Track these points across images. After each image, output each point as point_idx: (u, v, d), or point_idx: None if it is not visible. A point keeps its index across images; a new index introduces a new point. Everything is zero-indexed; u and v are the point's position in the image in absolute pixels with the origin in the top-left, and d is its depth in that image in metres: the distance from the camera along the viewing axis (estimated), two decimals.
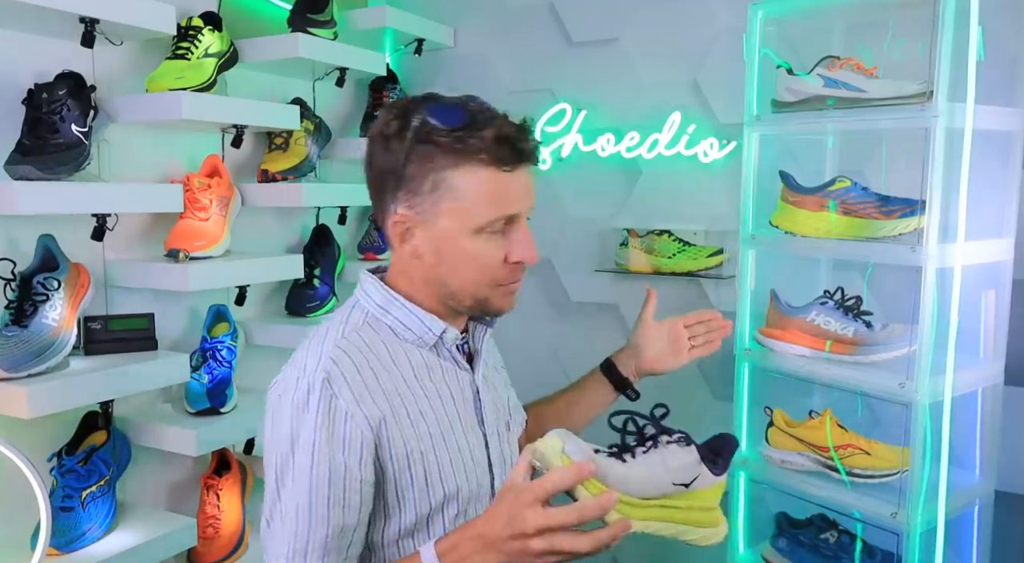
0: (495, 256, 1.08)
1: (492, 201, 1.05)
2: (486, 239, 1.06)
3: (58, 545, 1.44)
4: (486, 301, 1.11)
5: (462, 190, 1.04)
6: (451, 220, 1.05)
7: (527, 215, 1.10)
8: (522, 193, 1.07)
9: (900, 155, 1.78)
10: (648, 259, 2.12)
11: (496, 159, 1.03)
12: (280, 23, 2.00)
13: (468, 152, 1.03)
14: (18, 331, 1.40)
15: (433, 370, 1.13)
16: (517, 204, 1.07)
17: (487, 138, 1.03)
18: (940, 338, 1.53)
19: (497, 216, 1.05)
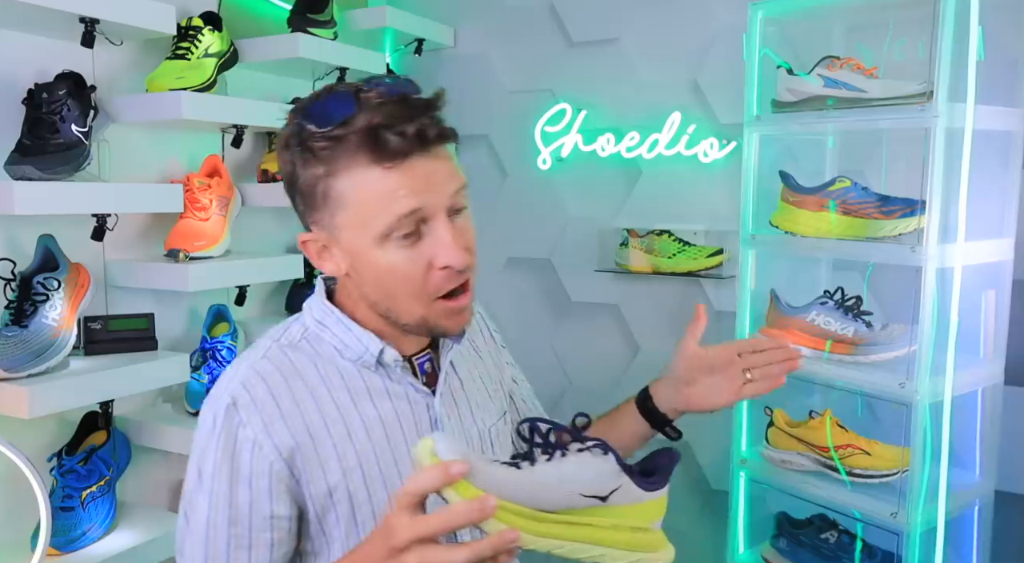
0: (414, 265, 0.92)
1: (381, 204, 0.89)
2: (397, 247, 0.91)
3: (58, 545, 1.44)
4: (426, 321, 0.96)
5: (348, 197, 0.90)
6: (351, 232, 0.92)
7: (451, 206, 0.93)
8: (420, 185, 0.89)
9: (900, 155, 1.78)
10: (648, 259, 2.12)
11: (373, 156, 0.88)
12: (280, 23, 2.00)
13: (342, 154, 0.89)
14: (18, 331, 1.40)
15: (376, 394, 0.98)
16: (415, 199, 0.89)
17: (358, 133, 0.87)
18: (940, 338, 1.53)
19: (393, 219, 0.89)
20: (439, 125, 0.91)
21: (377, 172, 0.88)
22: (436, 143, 0.91)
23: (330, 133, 0.88)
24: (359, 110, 0.87)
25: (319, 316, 1.01)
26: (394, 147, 0.87)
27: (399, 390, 1.00)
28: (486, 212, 2.40)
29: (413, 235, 0.91)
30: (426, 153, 0.90)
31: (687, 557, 2.11)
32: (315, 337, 1.00)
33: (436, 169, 0.91)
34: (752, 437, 1.86)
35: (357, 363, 0.99)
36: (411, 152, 0.88)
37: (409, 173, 0.89)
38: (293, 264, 1.92)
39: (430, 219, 0.91)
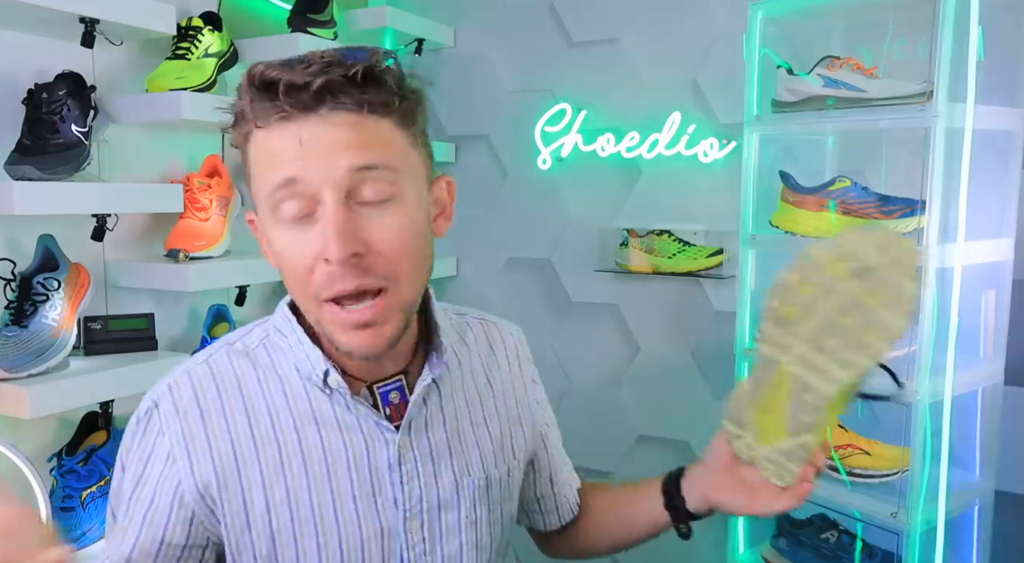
0: (300, 253, 0.77)
1: (261, 171, 0.77)
2: (287, 229, 0.77)
3: None
4: (324, 328, 0.81)
5: (249, 165, 0.81)
6: (258, 208, 0.81)
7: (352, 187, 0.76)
8: (300, 151, 0.74)
9: (900, 155, 1.78)
10: (648, 259, 2.12)
11: (255, 115, 0.76)
12: (280, 23, 2.00)
13: (238, 111, 0.79)
14: (18, 331, 1.40)
15: (324, 422, 0.84)
16: (291, 166, 0.75)
17: (245, 87, 0.77)
18: (940, 338, 1.53)
19: (270, 189, 0.76)
20: (344, 84, 0.74)
21: (260, 133, 0.77)
22: (333, 104, 0.74)
23: (245, 93, 0.78)
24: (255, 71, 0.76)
25: (279, 323, 0.90)
26: (275, 103, 0.74)
27: (351, 421, 0.85)
28: (486, 212, 2.40)
29: (304, 217, 0.76)
30: (316, 115, 0.74)
31: (687, 557, 2.11)
32: (274, 346, 0.88)
33: (325, 135, 0.74)
34: None
35: (309, 383, 0.86)
36: (293, 110, 0.74)
37: (287, 135, 0.74)
38: None
39: (321, 198, 0.75)
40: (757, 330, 0.88)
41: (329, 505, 0.83)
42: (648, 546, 1.10)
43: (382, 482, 0.85)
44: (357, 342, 0.79)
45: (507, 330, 1.07)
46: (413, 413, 0.88)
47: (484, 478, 0.93)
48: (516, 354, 1.05)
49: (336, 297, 0.77)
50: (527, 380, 1.05)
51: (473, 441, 0.93)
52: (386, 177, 0.77)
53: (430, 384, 0.89)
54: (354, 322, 0.78)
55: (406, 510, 0.86)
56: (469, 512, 0.91)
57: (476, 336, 1.02)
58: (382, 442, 0.86)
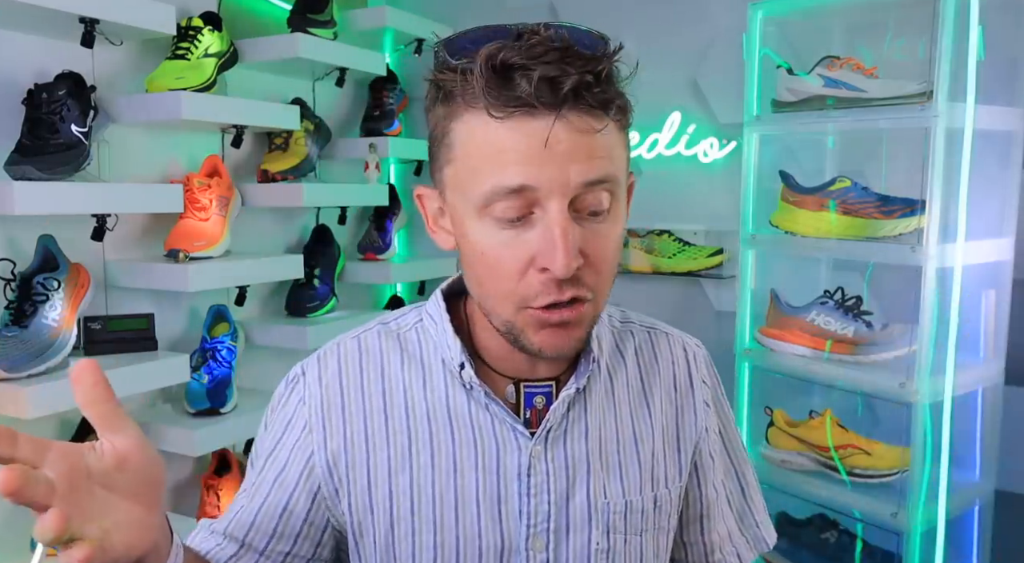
0: (511, 256, 0.71)
1: (486, 165, 0.69)
2: (496, 226, 0.71)
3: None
4: (514, 329, 0.75)
5: (456, 150, 0.72)
6: (454, 194, 0.74)
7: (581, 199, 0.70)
8: (537, 154, 0.67)
9: (900, 155, 1.78)
10: (648, 259, 2.12)
11: (486, 100, 0.68)
12: (280, 23, 2.00)
13: (459, 92, 0.71)
14: (18, 331, 1.40)
15: (458, 416, 0.81)
16: (528, 171, 0.68)
17: (483, 67, 0.68)
18: (940, 338, 1.53)
19: (494, 190, 0.69)
20: (592, 85, 0.68)
21: (487, 121, 0.68)
22: (575, 105, 0.68)
23: (458, 64, 0.71)
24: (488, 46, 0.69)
25: (431, 309, 0.85)
26: (515, 93, 0.67)
27: (485, 421, 0.81)
28: None
29: (520, 219, 0.70)
30: (562, 117, 0.67)
31: None
32: (425, 332, 0.84)
33: (565, 140, 0.67)
34: (752, 437, 1.86)
35: (451, 375, 0.82)
36: (535, 105, 0.67)
37: (525, 133, 0.67)
38: (293, 264, 1.92)
39: (546, 204, 0.69)
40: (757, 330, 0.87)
41: (451, 504, 0.79)
42: None
43: (509, 490, 0.80)
44: (550, 341, 0.74)
45: (680, 342, 0.93)
46: (552, 421, 0.81)
47: (624, 504, 0.83)
48: (687, 370, 0.91)
49: (547, 305, 0.73)
50: (698, 401, 0.90)
51: (616, 461, 0.84)
52: (609, 188, 0.72)
53: (574, 393, 0.82)
54: (554, 323, 0.73)
55: (531, 526, 0.80)
56: (601, 539, 0.81)
57: (640, 346, 0.91)
58: (514, 447, 0.80)
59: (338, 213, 2.22)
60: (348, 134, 2.33)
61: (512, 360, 0.81)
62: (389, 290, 2.50)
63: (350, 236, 2.34)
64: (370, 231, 2.33)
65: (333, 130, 2.23)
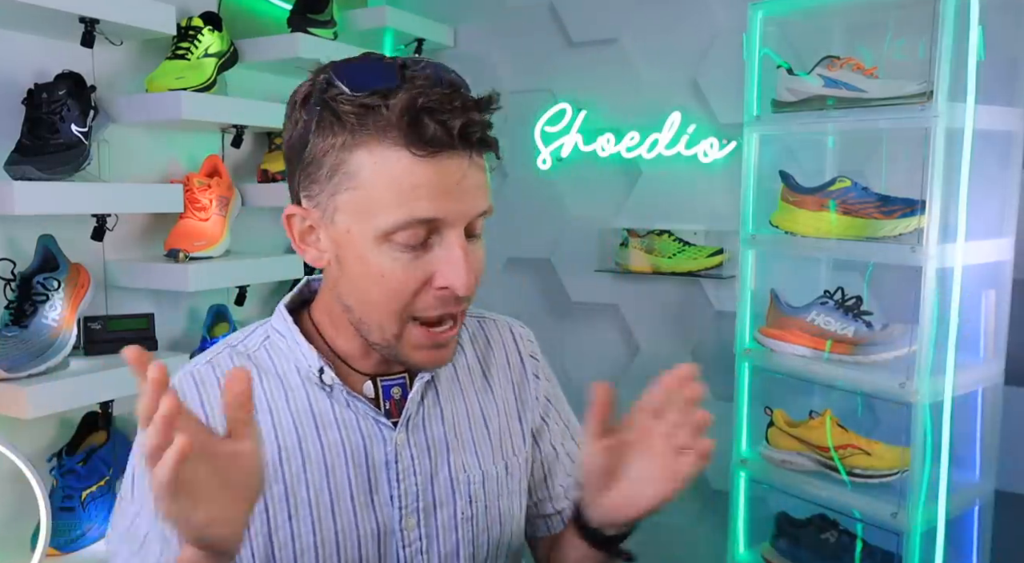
0: (410, 278, 0.78)
1: (398, 197, 0.76)
2: (396, 251, 0.78)
3: (58, 545, 1.44)
4: (397, 344, 0.82)
5: (361, 179, 0.76)
6: (350, 218, 0.79)
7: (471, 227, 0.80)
8: (449, 190, 0.76)
9: (900, 155, 1.78)
10: (648, 259, 2.12)
11: (406, 138, 0.74)
12: (280, 23, 2.00)
13: (371, 126, 0.75)
14: (18, 331, 1.40)
15: (323, 420, 0.86)
16: (438, 204, 0.76)
17: (396, 107, 0.74)
18: (940, 338, 1.53)
19: (404, 219, 0.76)
20: (486, 130, 0.78)
21: (405, 157, 0.75)
22: (477, 148, 0.78)
23: (364, 100, 0.75)
24: (401, 84, 0.75)
25: (277, 324, 0.90)
26: (433, 135, 0.74)
27: (350, 418, 0.86)
28: None
29: (419, 246, 0.78)
30: (464, 156, 0.77)
31: (687, 557, 2.11)
32: (274, 348, 0.89)
33: (470, 177, 0.78)
34: (752, 437, 1.86)
35: (308, 382, 0.87)
36: (450, 148, 0.76)
37: (441, 172, 0.76)
38: (293, 264, 1.92)
39: (445, 231, 0.78)
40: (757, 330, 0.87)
41: (327, 504, 0.85)
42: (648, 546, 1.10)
43: (379, 479, 0.87)
44: (431, 359, 0.84)
45: (506, 326, 1.05)
46: (411, 410, 0.89)
47: (481, 474, 0.93)
48: (516, 349, 1.03)
49: (437, 317, 0.81)
50: (529, 375, 1.02)
51: (470, 438, 0.94)
52: (485, 216, 0.82)
53: (428, 382, 0.91)
54: (435, 342, 0.83)
55: (402, 508, 0.87)
56: (464, 509, 0.91)
57: (474, 334, 1.01)
58: (379, 439, 0.87)
59: None
60: None
61: (367, 359, 0.89)
62: None
63: None
64: None
65: None
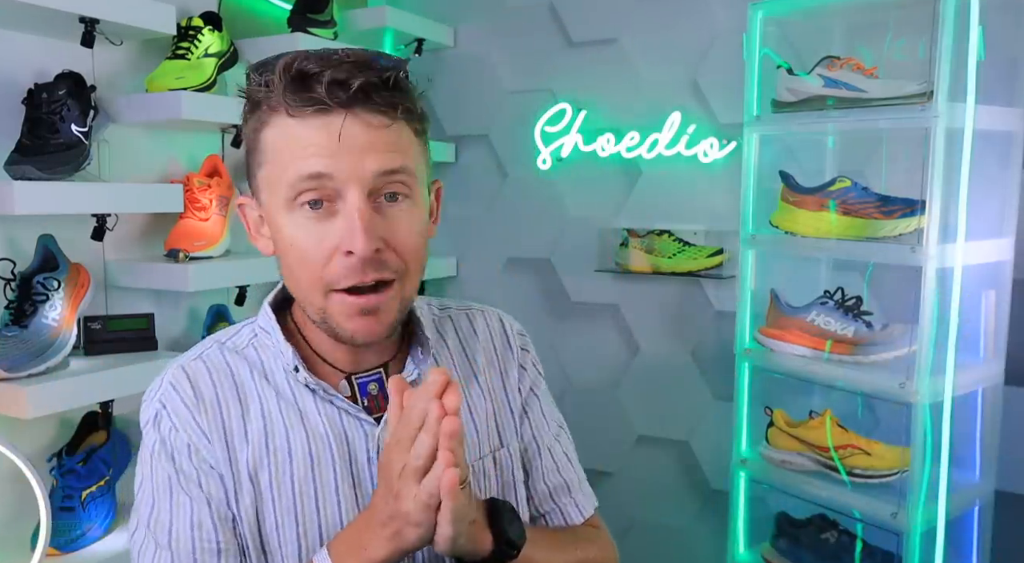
0: (318, 244, 0.79)
1: (289, 159, 0.78)
2: (301, 217, 0.79)
3: (58, 545, 1.44)
4: (326, 317, 0.82)
5: (267, 153, 0.81)
6: (267, 194, 0.83)
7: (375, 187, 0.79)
8: (333, 147, 0.77)
9: (900, 155, 1.78)
10: (648, 259, 2.12)
11: (286, 102, 0.77)
12: (280, 23, 2.00)
13: (260, 98, 0.80)
14: (18, 331, 1.40)
15: (308, 416, 0.87)
16: (323, 161, 0.77)
17: (283, 75, 0.77)
18: (940, 338, 1.53)
19: (296, 179, 0.78)
20: (380, 87, 0.78)
21: (289, 122, 0.78)
22: (366, 103, 0.77)
23: (260, 78, 0.79)
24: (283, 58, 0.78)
25: (263, 322, 0.91)
26: (311, 94, 0.76)
27: (332, 415, 0.87)
28: (486, 212, 2.40)
29: (323, 209, 0.79)
30: (352, 114, 0.77)
31: (687, 557, 2.11)
32: (262, 345, 0.90)
33: (359, 134, 0.77)
34: (752, 437, 1.86)
35: (293, 379, 0.88)
36: (329, 105, 0.76)
37: (324, 130, 0.77)
38: None
39: (344, 194, 0.78)
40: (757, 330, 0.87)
41: (311, 497, 0.85)
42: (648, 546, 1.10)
43: (363, 475, 0.87)
44: (361, 327, 0.82)
45: (495, 315, 1.04)
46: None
47: (467, 468, 0.85)
48: (503, 336, 1.02)
49: (351, 288, 0.80)
50: (515, 364, 1.01)
51: (465, 429, 0.91)
52: (405, 180, 0.81)
53: (415, 380, 0.90)
54: (360, 308, 0.81)
55: None
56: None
57: (457, 327, 1.00)
58: (361, 434, 0.87)
59: None
60: None
61: (338, 354, 0.89)
62: None
63: None
64: None
65: None
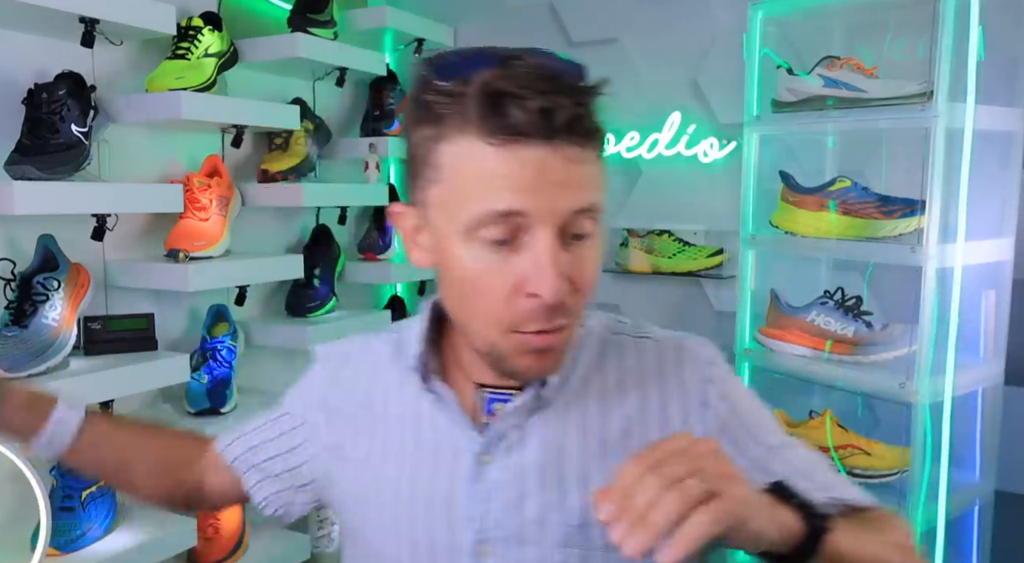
0: (499, 281, 0.71)
1: (476, 188, 0.70)
2: (482, 250, 0.71)
3: (58, 545, 1.44)
4: (498, 352, 0.75)
5: (445, 171, 0.72)
6: (439, 214, 0.74)
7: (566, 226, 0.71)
8: (530, 182, 0.68)
9: (900, 155, 1.78)
10: (648, 259, 2.12)
11: (481, 124, 0.69)
12: (280, 23, 2.00)
13: (450, 114, 0.70)
14: (18, 331, 1.40)
15: (426, 418, 0.84)
16: (518, 197, 0.68)
17: (473, 92, 0.68)
18: (940, 338, 1.53)
19: (485, 214, 0.69)
20: (583, 117, 0.70)
21: (481, 147, 0.69)
22: (568, 136, 0.69)
23: (448, 87, 0.70)
24: (477, 69, 0.69)
25: (420, 316, 0.87)
26: (510, 121, 0.67)
27: (446, 425, 0.82)
28: None
29: (506, 243, 0.71)
30: (550, 145, 0.68)
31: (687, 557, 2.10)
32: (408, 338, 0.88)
33: (557, 169, 0.69)
34: None
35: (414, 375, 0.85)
36: (530, 135, 0.68)
37: (519, 161, 0.68)
38: (293, 264, 1.92)
39: (532, 230, 0.70)
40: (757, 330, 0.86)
41: (406, 499, 0.82)
42: None
43: (458, 493, 0.80)
44: (534, 365, 0.76)
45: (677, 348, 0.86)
46: (501, 428, 0.80)
47: (579, 519, 0.79)
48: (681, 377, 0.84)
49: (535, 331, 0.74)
50: (695, 405, 0.83)
51: (576, 474, 0.80)
52: (594, 216, 0.74)
53: (531, 401, 0.80)
54: (539, 347, 0.75)
55: (479, 531, 0.79)
56: (553, 553, 0.78)
57: (624, 356, 0.86)
58: (466, 450, 0.81)
59: (338, 213, 2.21)
60: (348, 134, 2.33)
61: (478, 366, 0.81)
62: (389, 290, 2.50)
63: (350, 236, 2.34)
64: (370, 231, 2.33)
65: (333, 130, 2.23)
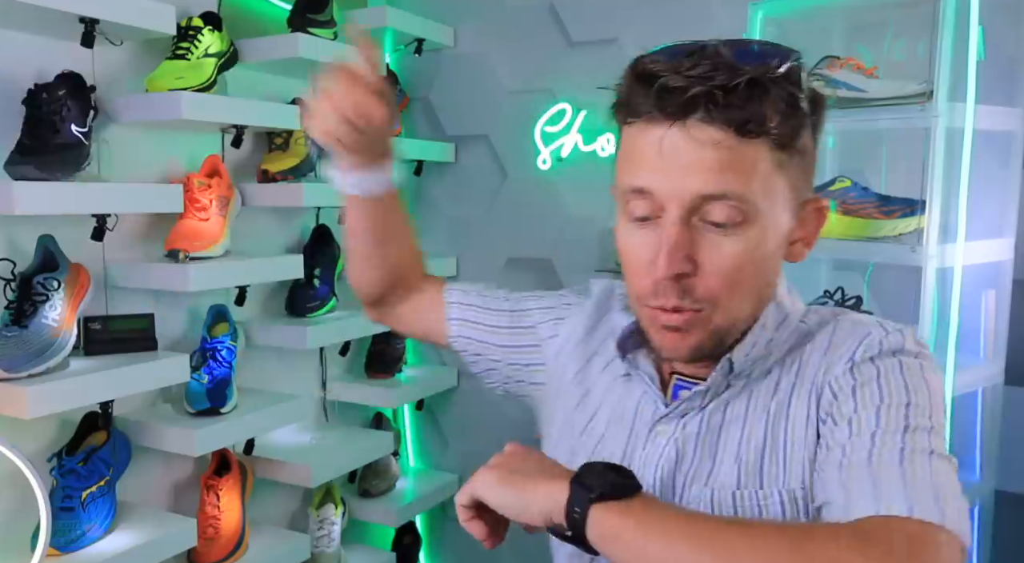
0: (638, 255, 0.76)
1: (621, 164, 0.77)
2: (631, 226, 0.77)
3: (58, 545, 1.44)
4: (643, 324, 0.82)
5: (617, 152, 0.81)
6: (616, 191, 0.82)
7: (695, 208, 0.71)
8: (654, 161, 0.71)
9: (900, 155, 1.78)
10: None
11: (625, 106, 0.74)
12: (280, 23, 2.00)
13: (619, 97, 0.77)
14: (18, 331, 1.40)
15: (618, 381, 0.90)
16: (645, 176, 0.72)
17: (624, 77, 0.75)
18: (940, 338, 1.53)
19: (623, 187, 0.75)
20: (722, 97, 0.67)
21: (626, 127, 0.75)
22: (701, 116, 0.68)
23: (627, 79, 0.75)
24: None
25: None
26: (644, 101, 0.71)
27: (635, 387, 0.87)
28: (486, 212, 2.40)
29: (648, 220, 0.74)
30: (679, 126, 0.69)
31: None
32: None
33: (682, 150, 0.69)
34: None
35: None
36: (656, 113, 0.70)
37: (645, 139, 0.71)
38: (293, 264, 1.92)
39: (666, 210, 0.72)
40: None
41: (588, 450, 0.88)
42: None
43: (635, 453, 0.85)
44: (668, 342, 0.78)
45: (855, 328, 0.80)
46: (683, 408, 0.82)
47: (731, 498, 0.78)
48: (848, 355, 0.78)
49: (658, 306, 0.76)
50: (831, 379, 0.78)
51: (735, 467, 0.78)
52: (735, 204, 0.71)
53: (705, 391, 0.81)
54: (663, 323, 0.77)
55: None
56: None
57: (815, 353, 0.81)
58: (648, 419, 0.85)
59: (338, 213, 2.21)
60: None
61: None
62: None
63: None
64: None
65: None
